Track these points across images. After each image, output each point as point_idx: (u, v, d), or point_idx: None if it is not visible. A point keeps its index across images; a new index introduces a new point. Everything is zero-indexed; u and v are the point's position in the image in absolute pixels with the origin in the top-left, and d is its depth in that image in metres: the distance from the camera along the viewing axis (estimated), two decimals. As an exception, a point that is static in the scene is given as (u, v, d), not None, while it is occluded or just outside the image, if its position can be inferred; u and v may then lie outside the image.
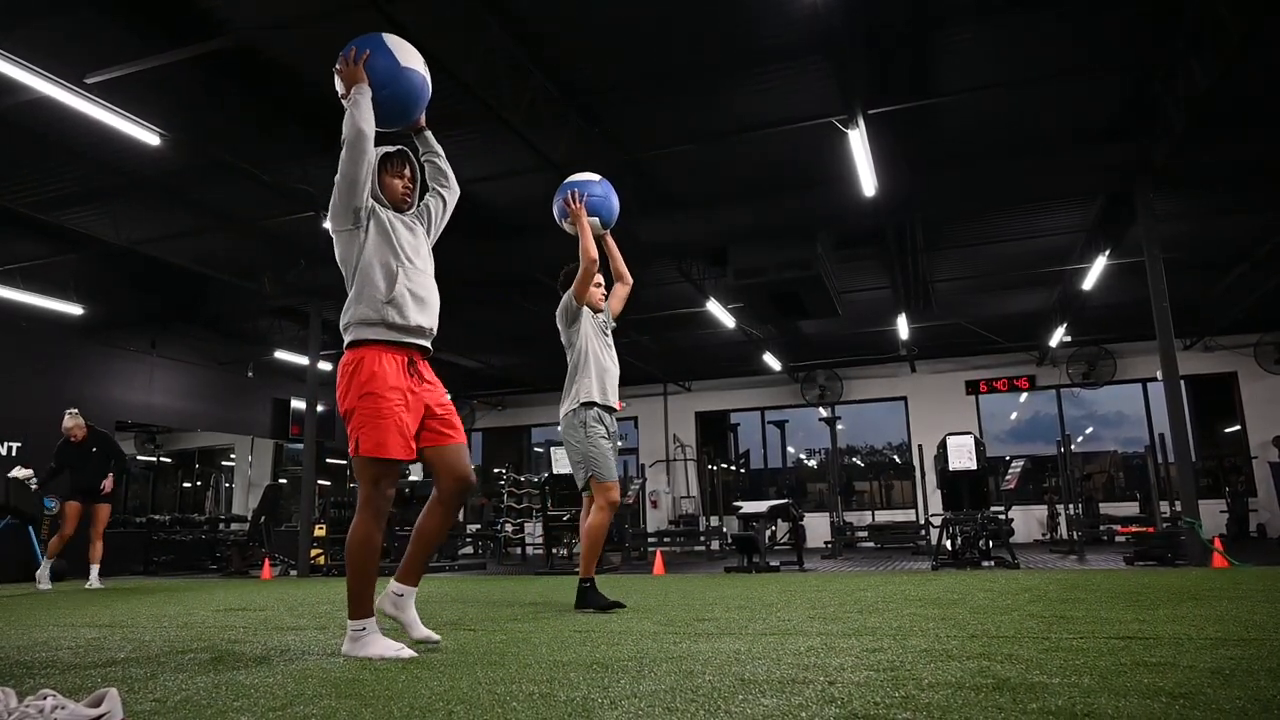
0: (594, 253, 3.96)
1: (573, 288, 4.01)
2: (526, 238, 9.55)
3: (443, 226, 3.00)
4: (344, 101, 2.73)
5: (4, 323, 10.41)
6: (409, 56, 2.84)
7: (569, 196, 4.04)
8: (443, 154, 3.07)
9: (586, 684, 1.93)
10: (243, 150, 7.51)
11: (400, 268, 2.66)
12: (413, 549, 2.74)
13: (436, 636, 2.70)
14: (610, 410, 3.99)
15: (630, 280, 4.29)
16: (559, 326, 4.09)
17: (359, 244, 2.68)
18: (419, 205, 2.93)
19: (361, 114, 2.66)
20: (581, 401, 3.91)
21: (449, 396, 2.81)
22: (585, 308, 4.04)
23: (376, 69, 2.76)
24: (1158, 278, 7.43)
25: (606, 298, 4.19)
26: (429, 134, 3.05)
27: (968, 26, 6.17)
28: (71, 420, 7.58)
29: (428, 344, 2.74)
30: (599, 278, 4.12)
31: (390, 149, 2.83)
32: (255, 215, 8.95)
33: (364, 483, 2.57)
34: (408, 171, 2.86)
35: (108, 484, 7.62)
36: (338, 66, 2.77)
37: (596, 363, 3.97)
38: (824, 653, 2.34)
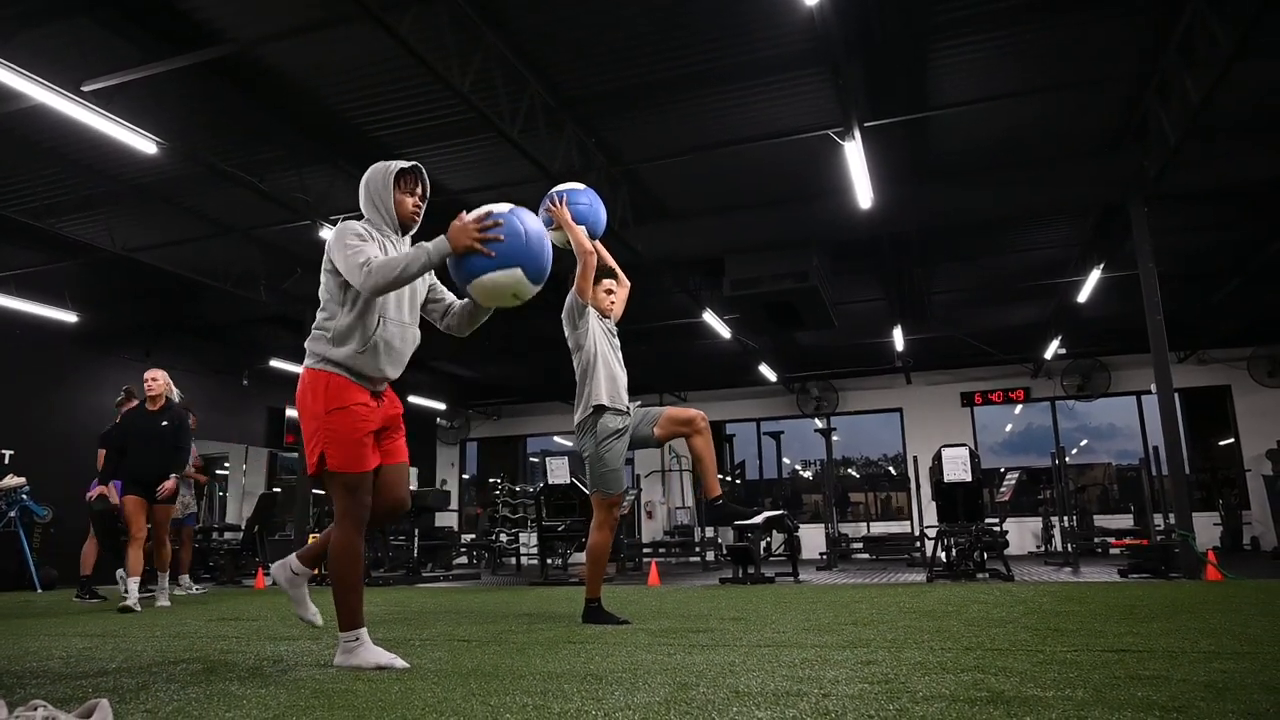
0: (588, 245, 3.88)
1: (575, 284, 3.91)
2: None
3: (426, 303, 2.84)
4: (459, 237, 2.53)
5: (-2, 330, 10.38)
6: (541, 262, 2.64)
7: (551, 202, 4.02)
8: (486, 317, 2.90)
9: (580, 695, 1.93)
10: (239, 159, 7.52)
11: (383, 320, 2.59)
12: (318, 543, 2.78)
13: (319, 620, 2.82)
14: (621, 413, 3.86)
15: (627, 282, 4.25)
16: (565, 330, 3.98)
17: (349, 294, 2.58)
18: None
19: (413, 273, 2.50)
20: (593, 406, 3.81)
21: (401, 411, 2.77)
22: (592, 309, 3.96)
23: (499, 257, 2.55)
24: (1152, 291, 7.46)
25: (613, 303, 4.09)
26: None
27: (963, 40, 6.22)
28: (158, 383, 5.98)
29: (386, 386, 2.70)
30: (609, 284, 4.07)
31: (405, 165, 2.72)
32: (251, 223, 8.96)
33: (340, 494, 2.53)
34: (419, 190, 2.76)
35: (168, 486, 5.77)
36: (477, 217, 2.56)
37: (606, 366, 3.87)
38: (818, 665, 2.34)
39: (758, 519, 3.76)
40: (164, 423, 5.88)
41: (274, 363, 13.25)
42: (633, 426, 3.88)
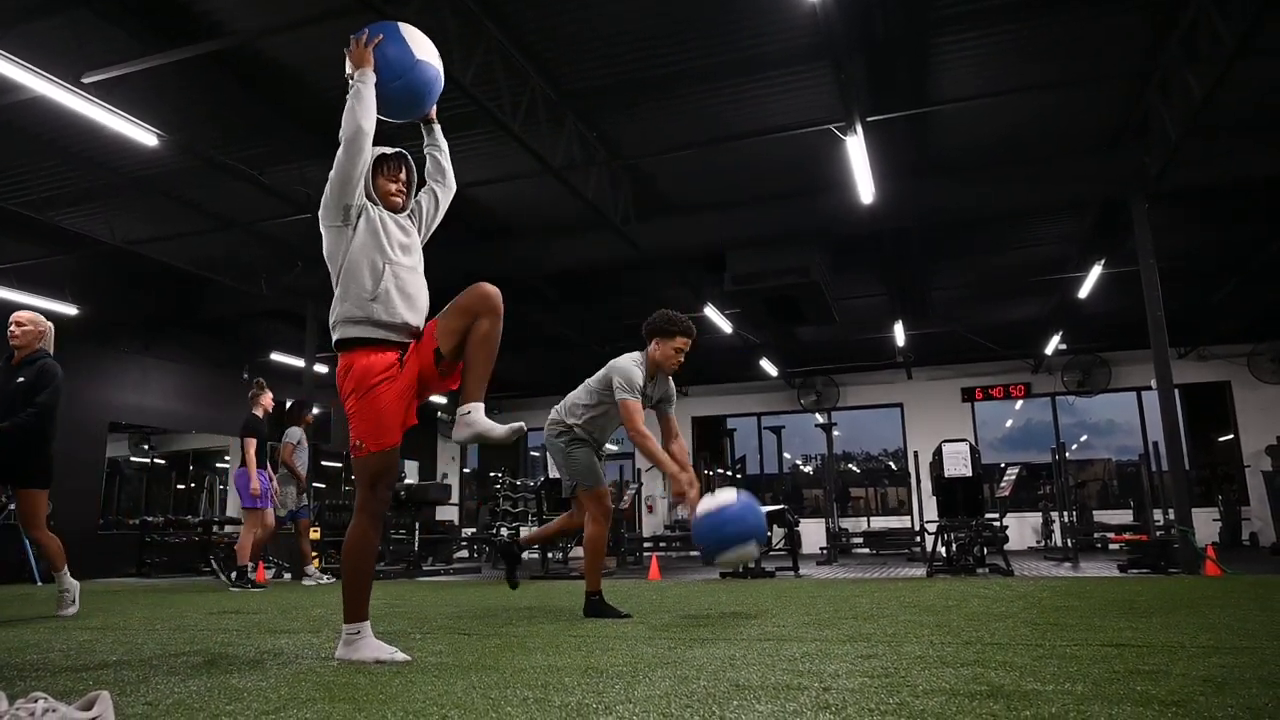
0: (649, 455, 3.70)
1: (628, 419, 3.70)
2: (524, 241, 9.56)
3: (435, 224, 2.93)
4: (349, 82, 2.67)
5: (-2, 323, 10.37)
6: (423, 48, 2.77)
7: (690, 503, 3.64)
8: (445, 148, 3.00)
9: (581, 689, 1.93)
10: (240, 152, 7.51)
11: (387, 265, 2.61)
12: (468, 365, 2.60)
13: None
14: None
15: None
16: (595, 382, 3.95)
17: (347, 240, 2.63)
18: (412, 203, 2.88)
19: (363, 108, 2.61)
20: (573, 425, 3.92)
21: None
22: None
23: (389, 58, 2.69)
24: (1153, 287, 7.46)
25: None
26: (436, 126, 2.98)
27: (965, 36, 6.20)
28: (24, 329, 4.42)
29: (413, 340, 2.68)
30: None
31: (388, 151, 2.78)
32: (252, 217, 8.95)
33: (362, 484, 2.55)
34: (403, 175, 2.80)
35: None
36: (348, 47, 2.71)
37: (607, 422, 3.95)
38: (819, 659, 2.34)
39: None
40: (20, 379, 4.33)
41: (274, 356, 13.24)
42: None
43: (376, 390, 2.53)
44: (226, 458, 16.32)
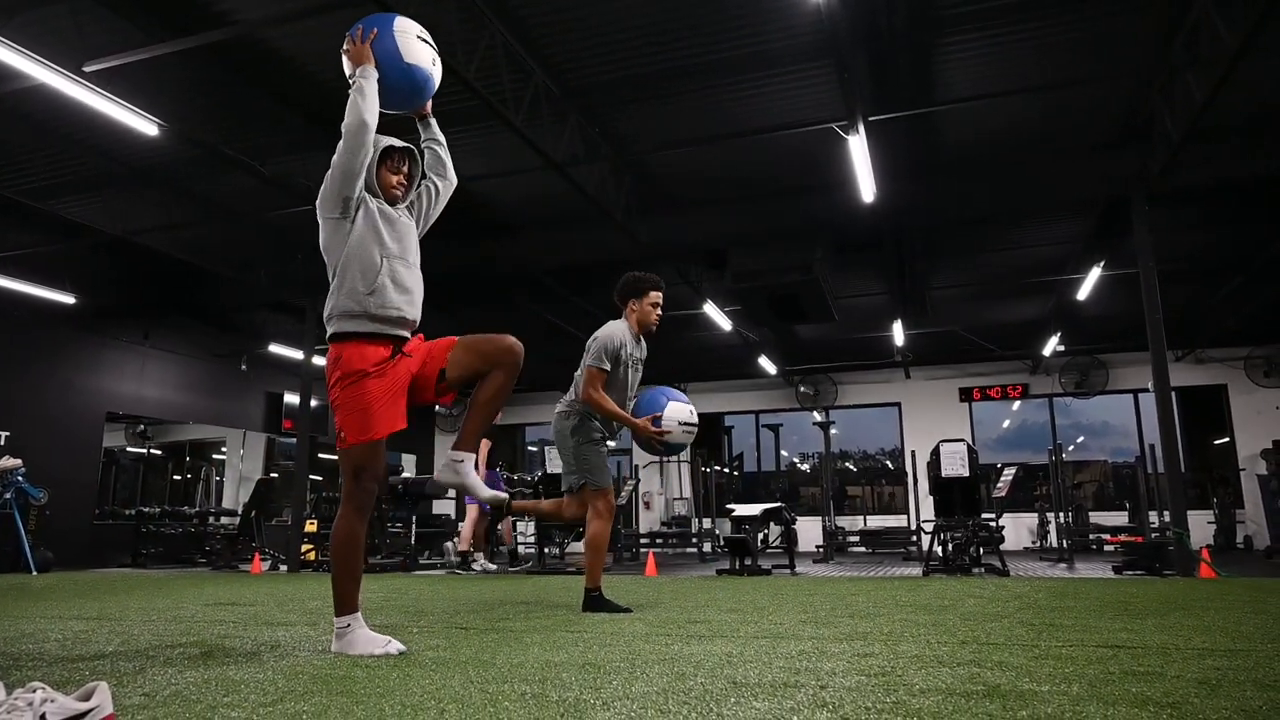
0: (607, 413, 3.93)
1: (585, 382, 3.93)
2: (526, 236, 9.54)
3: (434, 217, 2.94)
4: (349, 81, 2.69)
5: (-4, 311, 10.36)
6: (414, 50, 2.79)
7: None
8: (444, 142, 3.02)
9: (579, 684, 1.93)
10: (241, 142, 7.49)
11: (385, 258, 2.62)
12: (471, 414, 2.75)
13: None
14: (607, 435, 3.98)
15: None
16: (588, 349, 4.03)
17: (345, 233, 2.63)
18: (411, 196, 2.88)
19: (366, 103, 2.62)
20: (583, 411, 3.90)
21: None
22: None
23: (382, 55, 2.73)
24: (1151, 289, 7.46)
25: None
26: (433, 120, 3.01)
27: (969, 36, 6.20)
28: None
29: (409, 335, 2.70)
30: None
31: (396, 144, 2.78)
32: (253, 208, 8.93)
33: (346, 476, 2.57)
34: (406, 168, 2.80)
35: None
36: (345, 46, 2.76)
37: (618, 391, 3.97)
38: (815, 657, 2.35)
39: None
40: None
41: (273, 348, 13.23)
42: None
43: (364, 382, 2.54)
44: (224, 449, 16.33)
